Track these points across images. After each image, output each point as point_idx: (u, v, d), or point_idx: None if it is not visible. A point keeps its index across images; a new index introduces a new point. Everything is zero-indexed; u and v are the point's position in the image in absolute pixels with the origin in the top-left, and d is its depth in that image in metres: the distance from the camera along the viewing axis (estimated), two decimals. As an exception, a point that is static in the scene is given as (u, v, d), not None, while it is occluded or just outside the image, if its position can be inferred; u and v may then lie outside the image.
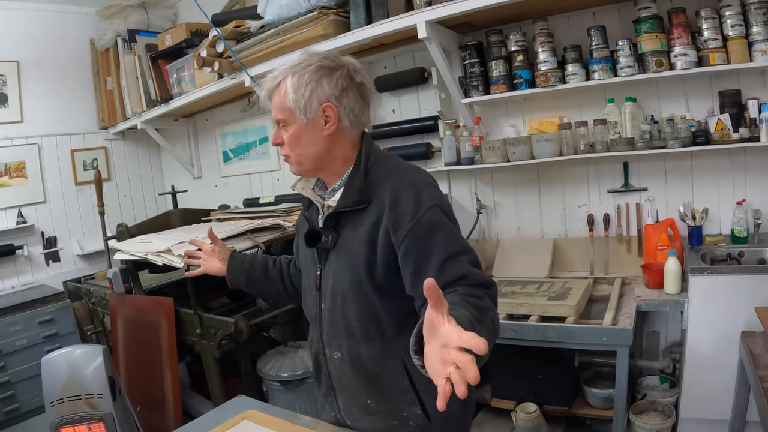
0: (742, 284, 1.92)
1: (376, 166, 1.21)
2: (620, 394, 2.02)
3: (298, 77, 1.15)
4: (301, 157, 1.20)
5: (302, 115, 1.15)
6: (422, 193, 1.13)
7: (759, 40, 2.01)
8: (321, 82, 1.15)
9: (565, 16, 2.47)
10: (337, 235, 1.20)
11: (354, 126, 1.21)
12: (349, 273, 1.17)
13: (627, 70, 2.22)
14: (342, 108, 1.17)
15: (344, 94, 1.16)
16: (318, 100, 1.14)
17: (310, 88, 1.14)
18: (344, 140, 1.21)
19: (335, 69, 1.16)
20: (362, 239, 1.15)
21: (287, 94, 1.15)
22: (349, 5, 2.57)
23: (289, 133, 1.18)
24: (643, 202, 2.47)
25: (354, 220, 1.18)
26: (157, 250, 2.39)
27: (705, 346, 2.00)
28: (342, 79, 1.16)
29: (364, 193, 1.17)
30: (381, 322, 1.19)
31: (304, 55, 1.19)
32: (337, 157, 1.21)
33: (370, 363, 1.22)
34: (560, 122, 2.48)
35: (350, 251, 1.18)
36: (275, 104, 1.19)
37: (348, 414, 1.31)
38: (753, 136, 2.07)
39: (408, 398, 1.21)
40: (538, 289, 2.33)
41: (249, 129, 3.92)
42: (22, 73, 3.89)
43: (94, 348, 2.21)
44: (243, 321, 2.44)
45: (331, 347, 1.26)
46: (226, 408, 1.55)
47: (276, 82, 1.18)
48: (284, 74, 1.17)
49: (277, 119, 1.19)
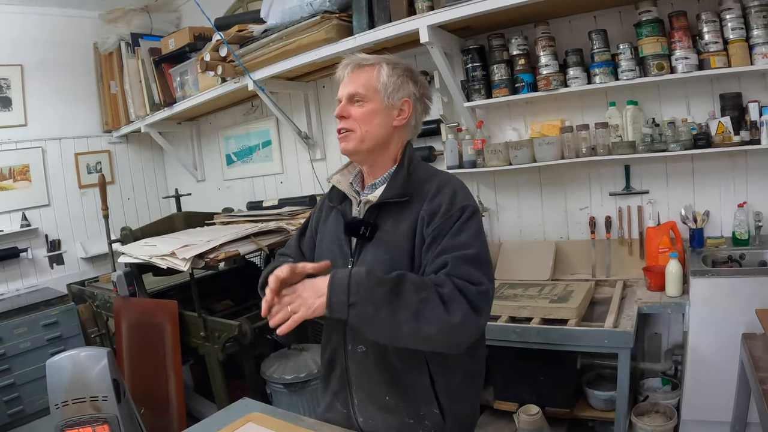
0: (743, 286, 1.93)
1: (419, 169, 1.29)
2: (622, 396, 2.02)
3: (393, 67, 1.27)
4: (368, 135, 1.26)
5: (386, 98, 1.26)
6: (458, 193, 1.22)
7: (760, 43, 2.02)
8: (409, 81, 1.29)
9: (566, 19, 2.49)
10: (375, 227, 1.24)
11: (413, 130, 1.34)
12: (388, 266, 1.17)
13: (628, 74, 2.24)
14: (414, 110, 1.31)
15: (420, 100, 1.32)
16: (403, 92, 1.27)
17: (401, 80, 1.27)
18: (401, 138, 1.31)
19: (418, 76, 1.32)
20: (404, 233, 1.21)
21: (380, 75, 1.26)
22: (351, 10, 2.58)
23: (365, 110, 1.25)
24: (644, 205, 2.48)
25: (396, 215, 1.23)
26: (162, 254, 2.40)
27: (706, 348, 2.01)
28: (422, 86, 1.32)
29: (407, 187, 1.24)
30: None
31: (394, 56, 1.32)
32: (390, 150, 1.30)
33: (394, 357, 1.22)
34: (562, 125, 2.49)
35: (391, 245, 1.21)
36: (360, 80, 1.26)
37: (362, 411, 1.30)
38: (754, 139, 2.08)
39: (427, 397, 1.22)
40: (540, 292, 2.34)
41: (252, 132, 3.94)
42: (26, 76, 3.93)
43: (99, 350, 2.21)
44: (247, 324, 2.46)
45: (356, 341, 1.26)
46: (231, 410, 1.55)
47: (368, 62, 1.28)
48: (379, 61, 1.28)
49: (356, 93, 1.26)
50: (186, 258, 2.26)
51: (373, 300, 1.07)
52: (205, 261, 2.29)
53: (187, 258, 2.26)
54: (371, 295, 1.07)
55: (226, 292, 3.46)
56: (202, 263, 2.30)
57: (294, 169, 3.75)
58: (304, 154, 3.60)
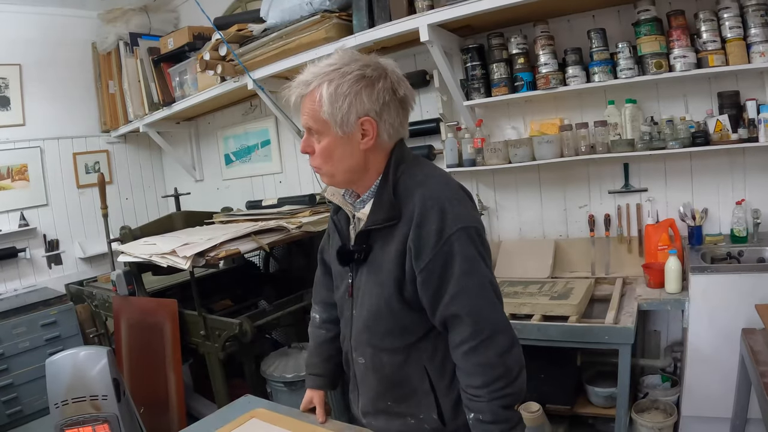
0: (742, 282, 1.94)
1: (406, 177, 1.15)
2: (623, 392, 2.03)
3: (336, 86, 1.06)
4: (334, 170, 1.14)
5: (338, 129, 1.08)
6: (447, 213, 1.08)
7: (757, 41, 2.03)
8: (360, 95, 1.07)
9: (565, 18, 2.50)
10: (368, 250, 1.17)
11: (392, 138, 1.16)
12: (378, 289, 1.16)
13: (627, 72, 2.25)
14: (382, 123, 1.11)
15: (385, 108, 1.10)
16: (356, 113, 1.07)
17: (348, 101, 1.06)
18: (380, 153, 1.16)
19: (377, 80, 1.09)
20: (391, 258, 1.13)
21: (322, 104, 1.07)
22: (351, 9, 2.59)
23: (322, 145, 1.11)
24: (643, 203, 2.50)
25: (384, 237, 1.15)
26: (162, 252, 2.40)
27: (706, 343, 2.02)
28: (384, 92, 1.09)
29: (392, 209, 1.12)
30: (407, 332, 1.19)
31: (341, 57, 1.10)
32: (370, 169, 1.16)
33: (392, 371, 1.22)
34: (561, 124, 2.50)
35: (380, 268, 1.16)
36: (307, 111, 1.10)
37: (365, 414, 1.32)
38: (752, 137, 2.09)
39: (427, 401, 1.22)
40: (540, 289, 2.35)
41: (251, 132, 3.94)
42: (24, 76, 3.92)
43: (99, 350, 2.21)
44: (248, 322, 2.46)
45: (357, 352, 1.27)
46: (233, 407, 1.56)
47: (309, 89, 1.09)
48: (319, 81, 1.08)
49: (307, 126, 1.12)
50: (186, 256, 2.25)
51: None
52: (205, 259, 2.29)
53: (188, 256, 2.25)
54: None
55: (225, 291, 3.46)
56: (202, 261, 2.30)
57: (293, 169, 3.75)
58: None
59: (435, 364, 1.20)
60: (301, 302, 2.90)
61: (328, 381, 1.43)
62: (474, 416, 1.12)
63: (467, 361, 1.12)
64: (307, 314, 3.06)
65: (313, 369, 1.44)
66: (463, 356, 1.12)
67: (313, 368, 1.44)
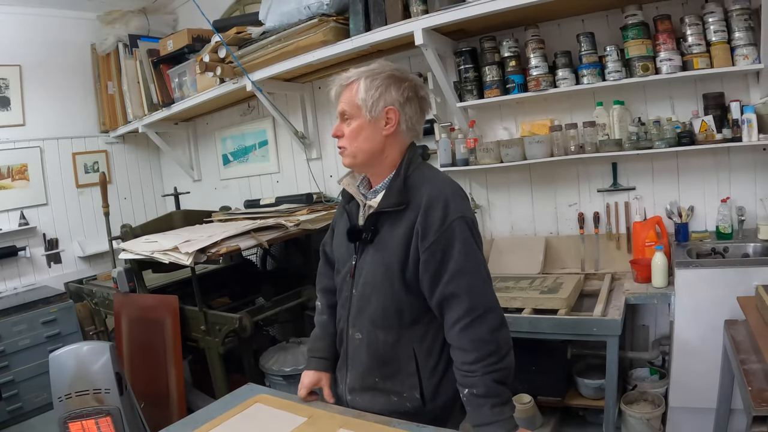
0: (726, 277, 2.01)
1: (415, 173, 1.34)
2: (611, 382, 2.10)
3: (371, 80, 1.30)
4: (357, 150, 1.33)
5: (367, 113, 1.30)
6: (450, 204, 1.27)
7: (741, 45, 2.10)
8: (389, 88, 1.31)
9: (555, 23, 2.57)
10: (375, 232, 1.33)
11: (408, 133, 1.36)
12: (382, 268, 1.31)
13: (615, 75, 2.32)
14: (403, 114, 1.32)
15: (407, 103, 1.33)
16: (384, 102, 1.30)
17: (379, 91, 1.30)
18: (397, 144, 1.35)
19: (403, 80, 1.33)
20: (398, 240, 1.29)
21: (358, 92, 1.30)
22: (348, 13, 2.66)
23: (351, 127, 1.32)
24: (631, 201, 2.57)
25: (393, 220, 1.31)
26: (164, 249, 2.45)
27: (692, 335, 2.09)
28: (408, 89, 1.33)
29: (403, 196, 1.29)
30: (402, 313, 1.32)
31: (378, 63, 1.35)
32: (387, 158, 1.35)
33: (384, 348, 1.34)
34: (551, 125, 2.57)
35: (386, 248, 1.31)
36: (344, 99, 1.33)
37: (351, 390, 1.41)
38: (736, 137, 2.16)
39: (411, 382, 1.33)
40: (531, 284, 2.42)
41: (249, 133, 4.00)
42: (24, 77, 3.97)
43: (102, 344, 2.25)
44: (247, 317, 2.51)
45: (354, 328, 1.39)
46: (236, 395, 1.59)
47: (349, 81, 1.33)
48: (358, 76, 1.32)
49: (343, 111, 1.33)
50: (189, 252, 2.31)
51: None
52: (207, 255, 2.35)
53: (190, 252, 2.31)
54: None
55: (223, 289, 3.51)
56: (204, 257, 2.36)
57: (290, 169, 3.82)
58: (300, 153, 3.66)
59: (423, 348, 1.33)
60: (298, 299, 2.96)
61: (331, 364, 1.52)
62: (468, 392, 1.23)
63: (462, 338, 1.23)
64: (304, 311, 3.13)
65: (318, 352, 1.52)
66: (458, 333, 1.24)
67: (318, 351, 1.53)
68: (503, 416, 1.20)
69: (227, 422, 1.39)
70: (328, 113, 3.49)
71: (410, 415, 1.32)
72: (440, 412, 1.35)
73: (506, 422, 1.20)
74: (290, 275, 3.39)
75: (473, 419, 1.23)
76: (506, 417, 1.20)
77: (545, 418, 2.33)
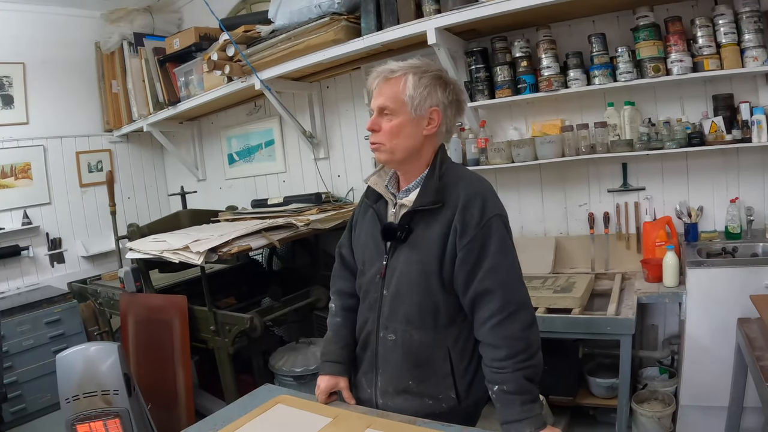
0: (737, 276, 2.03)
1: (450, 171, 1.34)
2: (624, 381, 2.11)
3: (420, 77, 1.28)
4: (397, 147, 1.31)
5: (412, 111, 1.28)
6: (488, 201, 1.28)
7: (750, 47, 2.12)
8: (437, 89, 1.30)
9: (566, 24, 2.59)
10: (410, 231, 1.31)
11: (445, 135, 1.38)
12: (418, 266, 1.29)
13: (626, 76, 2.34)
14: (445, 116, 1.33)
15: (450, 106, 1.34)
16: (431, 102, 1.29)
17: (427, 90, 1.29)
18: (432, 144, 1.35)
19: (449, 83, 1.33)
20: (435, 238, 1.28)
21: (406, 88, 1.28)
22: (360, 11, 2.66)
23: (393, 124, 1.30)
24: (641, 201, 2.58)
25: (428, 219, 1.30)
26: (174, 248, 2.44)
27: (703, 334, 2.11)
28: (452, 92, 1.33)
29: (439, 195, 1.29)
30: (438, 313, 1.31)
31: (421, 60, 1.33)
32: (422, 157, 1.35)
33: (419, 349, 1.33)
34: (562, 125, 2.59)
35: (422, 247, 1.29)
36: (387, 93, 1.30)
37: (384, 393, 1.39)
38: (745, 138, 2.18)
39: (446, 383, 1.33)
40: (544, 284, 2.43)
41: (254, 132, 3.99)
42: (28, 75, 3.94)
43: (110, 345, 2.23)
44: (258, 318, 2.50)
45: (387, 329, 1.36)
46: (255, 396, 1.58)
47: (395, 75, 1.30)
48: (405, 70, 1.29)
49: (383, 106, 1.30)
50: (200, 251, 2.30)
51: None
52: (218, 254, 2.34)
53: (201, 251, 2.30)
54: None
55: (230, 289, 3.50)
56: (215, 257, 2.35)
57: (297, 168, 3.81)
58: (307, 152, 3.66)
59: (457, 348, 1.33)
60: (307, 299, 2.96)
61: (346, 368, 1.49)
62: (498, 388, 1.23)
63: (494, 335, 1.23)
64: (313, 311, 3.13)
65: (332, 356, 1.49)
66: (490, 330, 1.25)
67: (332, 355, 1.49)
68: (533, 413, 1.20)
69: (251, 423, 1.38)
70: (336, 113, 3.49)
71: (445, 415, 1.31)
72: (473, 408, 1.36)
73: (535, 419, 1.20)
74: (297, 275, 3.39)
75: (503, 416, 1.22)
76: (535, 414, 1.20)
77: (556, 418, 2.33)
